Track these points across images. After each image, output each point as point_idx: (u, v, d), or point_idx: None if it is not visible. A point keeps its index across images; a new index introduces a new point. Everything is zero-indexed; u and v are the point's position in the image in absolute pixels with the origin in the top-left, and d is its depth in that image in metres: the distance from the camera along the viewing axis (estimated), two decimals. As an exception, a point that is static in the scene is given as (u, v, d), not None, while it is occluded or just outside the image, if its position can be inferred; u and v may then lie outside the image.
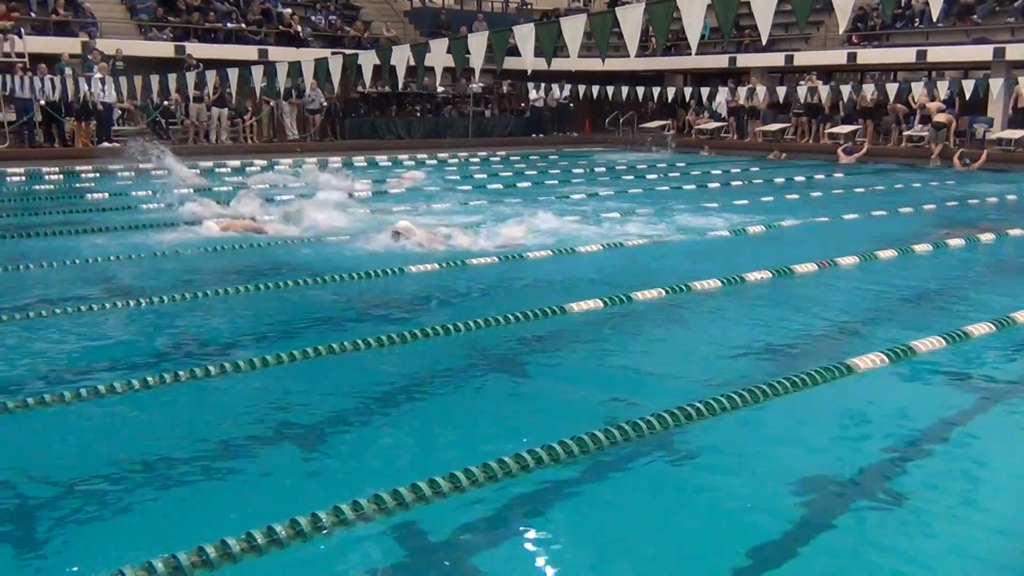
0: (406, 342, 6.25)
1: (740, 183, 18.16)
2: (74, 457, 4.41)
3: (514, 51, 9.53)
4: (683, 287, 7.87)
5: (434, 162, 21.94)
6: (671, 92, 27.28)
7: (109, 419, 4.92)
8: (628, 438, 4.48)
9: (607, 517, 3.86)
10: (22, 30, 21.68)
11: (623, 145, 28.00)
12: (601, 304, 7.31)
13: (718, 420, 4.82)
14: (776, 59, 27.68)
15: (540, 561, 3.50)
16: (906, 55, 24.88)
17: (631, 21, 7.96)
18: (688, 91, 27.33)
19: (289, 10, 27.64)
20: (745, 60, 28.32)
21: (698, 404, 4.84)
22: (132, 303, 7.26)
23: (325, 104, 24.80)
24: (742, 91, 26.50)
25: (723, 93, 27.07)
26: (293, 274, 8.42)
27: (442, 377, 5.76)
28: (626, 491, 4.13)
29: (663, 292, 7.71)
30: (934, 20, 22.94)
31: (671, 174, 19.91)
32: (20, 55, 21.09)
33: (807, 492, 4.05)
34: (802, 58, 27.11)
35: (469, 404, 5.37)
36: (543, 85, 27.84)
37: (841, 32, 24.34)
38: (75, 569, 3.34)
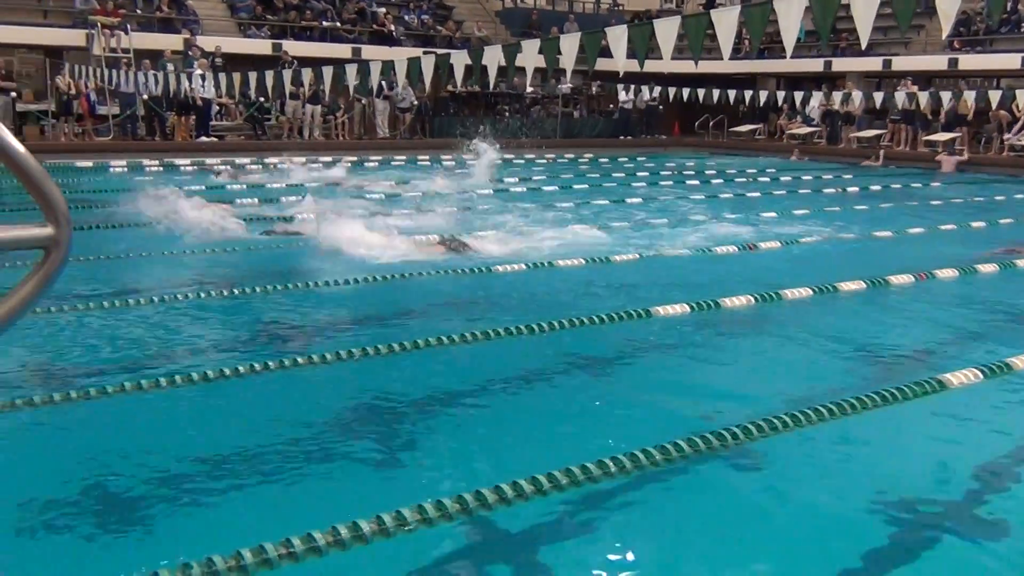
0: (489, 340, 6.27)
1: (833, 190, 17.75)
2: (164, 444, 4.53)
3: (605, 52, 9.49)
4: (773, 295, 7.73)
5: (521, 162, 21.99)
6: (763, 96, 26.82)
7: (202, 406, 5.06)
8: (712, 448, 4.42)
9: (686, 527, 3.81)
10: (128, 26, 22.44)
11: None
12: (688, 309, 7.23)
13: (804, 433, 4.72)
14: (873, 63, 26.98)
15: (615, 569, 3.48)
16: (1010, 61, 24.00)
17: (726, 23, 7.86)
18: (780, 95, 26.83)
19: (383, 9, 28.03)
20: (841, 64, 27.68)
21: (784, 416, 4.75)
22: (225, 292, 7.45)
23: (415, 103, 25.08)
24: (837, 96, 25.90)
25: (817, 97, 26.48)
26: (381, 269, 8.53)
27: (524, 377, 5.77)
28: (708, 501, 4.07)
29: (752, 299, 7.59)
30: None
31: (761, 179, 19.59)
32: (125, 51, 21.83)
33: (894, 510, 3.94)
34: (901, 63, 26.38)
35: (550, 406, 5.36)
36: (633, 87, 27.67)
37: (944, 37, 23.61)
38: (160, 555, 3.43)
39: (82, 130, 21.14)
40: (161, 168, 17.85)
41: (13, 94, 20.64)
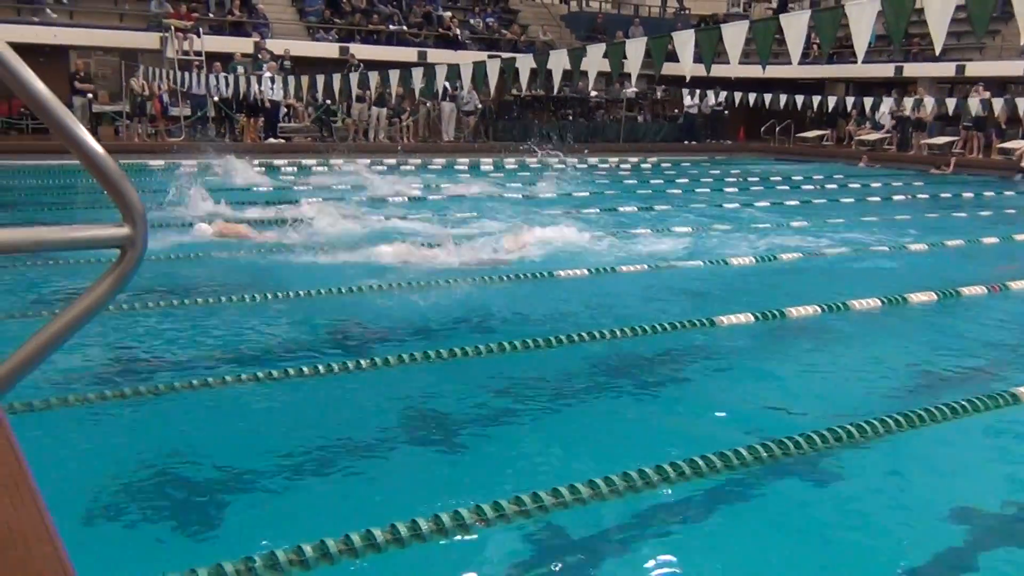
0: (551, 347, 6.27)
1: (903, 197, 17.40)
2: (234, 438, 4.63)
3: (671, 56, 9.44)
4: (840, 305, 7.59)
5: (584, 166, 21.95)
6: (831, 101, 26.38)
7: (271, 404, 5.15)
8: (774, 456, 4.36)
9: (745, 537, 3.77)
10: (200, 30, 22.93)
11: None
12: (752, 319, 7.14)
13: (870, 444, 4.63)
14: (946, 69, 26.37)
15: (677, 576, 3.45)
16: (1092, 67, 23.28)
17: (796, 28, 7.75)
18: (850, 100, 26.36)
19: (449, 13, 28.21)
20: (912, 70, 27.12)
21: (849, 426, 4.67)
22: (291, 294, 7.56)
23: (480, 106, 25.19)
24: (908, 101, 25.38)
25: (887, 103, 25.97)
26: (445, 274, 8.58)
27: (585, 384, 5.75)
28: (768, 511, 4.02)
29: (818, 309, 7.46)
30: None
31: (828, 186, 19.26)
32: (198, 53, 22.30)
33: (960, 524, 3.86)
34: (975, 68, 25.74)
35: (610, 412, 5.33)
36: (698, 91, 27.45)
37: (1023, 42, 22.97)
38: (223, 546, 3.50)
39: (155, 131, 21.65)
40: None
41: (90, 95, 21.21)
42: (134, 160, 18.14)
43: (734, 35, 8.19)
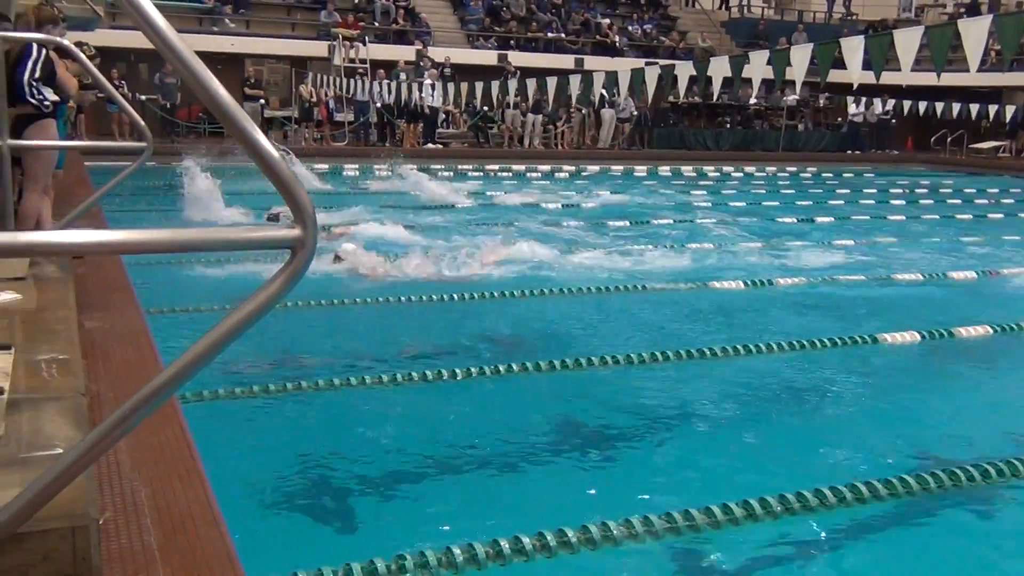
0: (704, 358, 6.15)
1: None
2: (383, 438, 4.73)
3: (837, 63, 9.10)
4: (1015, 326, 7.13)
5: (740, 175, 21.47)
6: (1009, 111, 24.83)
7: (420, 406, 5.25)
8: (942, 486, 4.12)
9: (904, 569, 3.58)
10: (366, 38, 23.72)
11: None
12: (918, 337, 6.80)
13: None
14: None
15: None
16: None
17: (975, 34, 7.32)
18: (1032, 110, 24.74)
19: (607, 20, 28.16)
20: (1103, 77, 25.25)
21: (1016, 461, 4.37)
22: (445, 297, 7.69)
23: (635, 113, 25.02)
24: (1098, 111, 23.64)
25: (1073, 113, 24.26)
26: (594, 282, 8.55)
27: (737, 399, 5.60)
28: (930, 544, 3.81)
29: (990, 330, 7.03)
30: None
31: (1004, 200, 18.15)
32: (363, 61, 23.07)
33: None
34: None
35: (763, 430, 5.17)
36: (864, 99, 26.38)
37: None
38: (375, 544, 3.58)
39: (321, 135, 22.52)
40: (389, 172, 18.63)
41: (261, 101, 22.25)
42: (302, 163, 18.86)
43: (908, 41, 7.81)
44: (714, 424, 5.13)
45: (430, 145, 22.52)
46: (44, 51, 5.68)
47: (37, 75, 5.63)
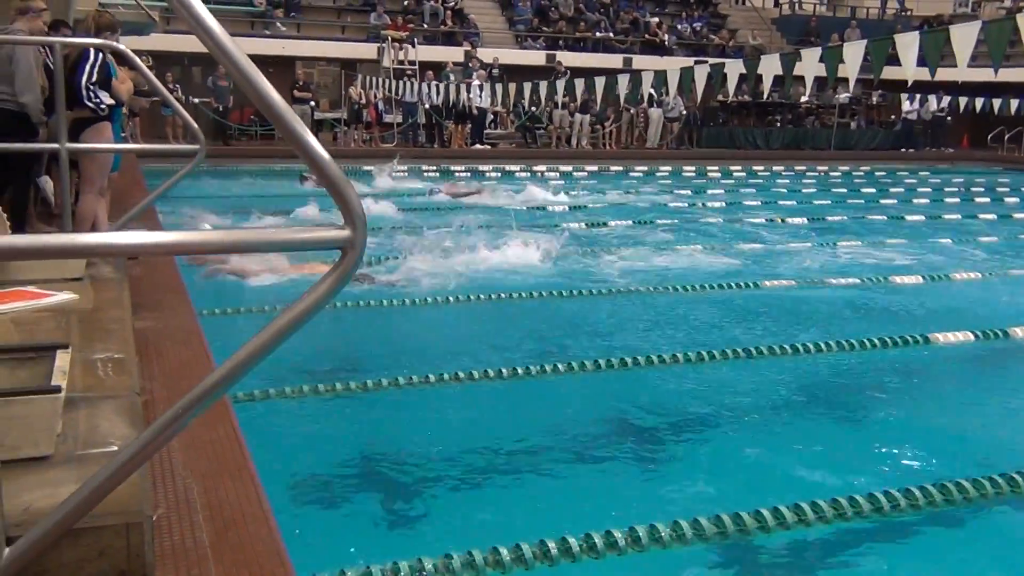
0: (751, 357, 6.08)
1: None
2: (433, 437, 4.76)
3: (891, 60, 8.95)
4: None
5: (791, 174, 21.22)
6: (1071, 107, 24.21)
7: (466, 405, 5.27)
8: (1000, 491, 4.03)
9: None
10: (415, 40, 23.86)
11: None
12: (972, 337, 6.66)
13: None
14: None
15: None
16: None
17: (1035, 28, 7.15)
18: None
19: (656, 19, 28.00)
20: None
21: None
22: (492, 296, 7.71)
23: (684, 112, 24.84)
24: None
25: None
26: (646, 280, 8.51)
27: (787, 399, 5.54)
28: (984, 551, 3.73)
29: (1048, 331, 6.88)
30: None
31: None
32: (412, 63, 23.20)
33: None
34: None
35: (813, 432, 5.10)
36: (918, 96, 25.91)
37: None
38: (424, 542, 3.59)
39: (369, 137, 22.68)
40: (437, 173, 18.71)
41: (312, 103, 22.46)
42: (351, 164, 19.04)
43: (964, 36, 7.65)
44: (760, 426, 5.07)
45: (478, 145, 22.57)
46: (101, 55, 5.80)
47: (94, 79, 5.75)
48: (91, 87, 5.72)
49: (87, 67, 5.71)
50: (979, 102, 24.13)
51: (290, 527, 2.88)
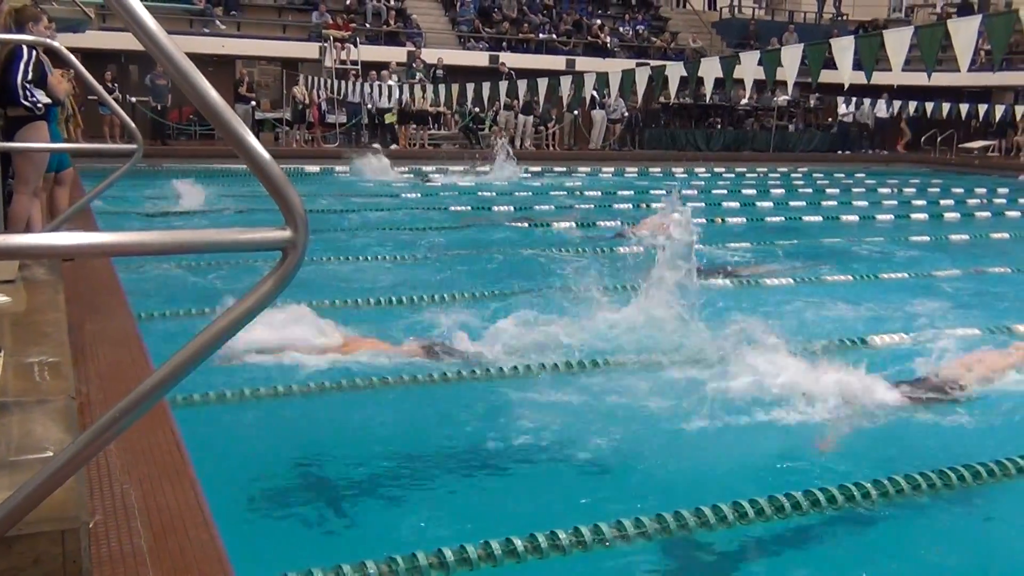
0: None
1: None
2: (372, 441, 4.73)
3: (828, 63, 9.13)
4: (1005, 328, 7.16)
5: (731, 176, 21.50)
6: (999, 110, 24.90)
7: (408, 408, 5.25)
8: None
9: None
10: (357, 39, 23.70)
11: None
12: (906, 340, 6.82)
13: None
14: None
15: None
16: None
17: (965, 34, 7.36)
18: (1020, 110, 24.80)
19: (599, 21, 28.19)
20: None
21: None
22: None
23: (626, 114, 25.04)
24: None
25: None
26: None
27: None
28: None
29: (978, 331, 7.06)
30: None
31: (995, 200, 18.16)
32: (354, 63, 23.05)
33: None
34: None
35: (753, 436, 5.18)
36: (854, 100, 26.44)
37: None
38: (372, 546, 3.57)
39: (311, 137, 22.48)
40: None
41: (253, 103, 22.21)
42: (292, 165, 18.84)
43: (898, 41, 7.84)
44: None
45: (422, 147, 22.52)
46: (34, 53, 5.67)
47: (30, 77, 5.62)
48: (27, 85, 5.59)
49: (21, 65, 5.57)
50: (912, 105, 24.69)
51: (231, 532, 2.84)
